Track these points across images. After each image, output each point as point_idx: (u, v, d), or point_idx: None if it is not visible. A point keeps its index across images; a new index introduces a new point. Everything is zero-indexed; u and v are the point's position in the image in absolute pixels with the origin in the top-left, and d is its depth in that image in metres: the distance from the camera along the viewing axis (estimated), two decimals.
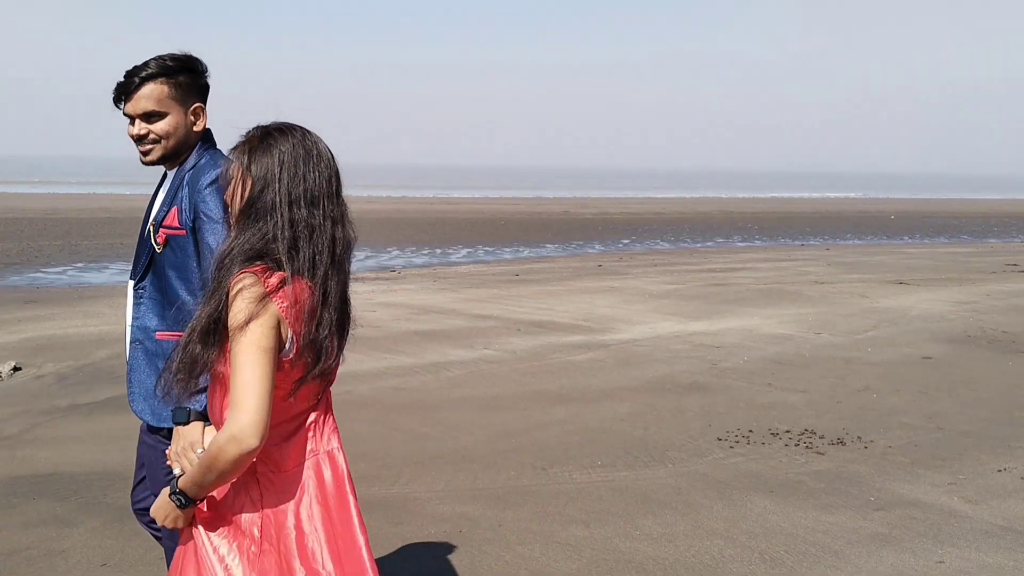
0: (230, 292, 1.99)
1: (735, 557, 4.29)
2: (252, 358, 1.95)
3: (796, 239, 28.86)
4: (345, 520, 2.10)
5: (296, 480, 2.08)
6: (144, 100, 2.69)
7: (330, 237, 2.11)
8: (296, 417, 2.11)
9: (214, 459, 1.97)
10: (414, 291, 14.34)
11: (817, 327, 10.97)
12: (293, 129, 2.15)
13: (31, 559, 4.13)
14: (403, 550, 4.32)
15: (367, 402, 7.22)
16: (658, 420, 6.75)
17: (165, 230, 2.70)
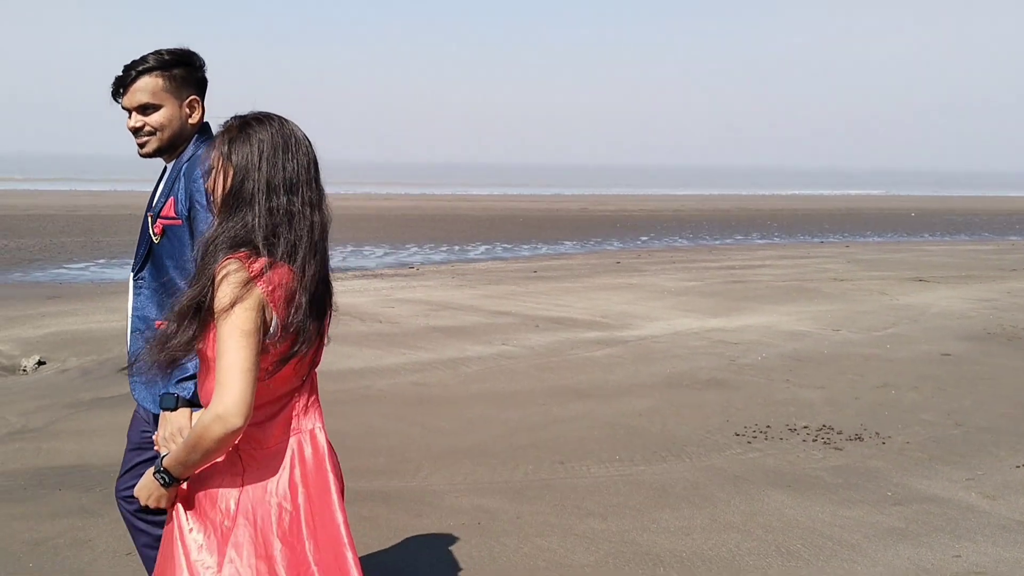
0: (215, 278, 2.05)
1: (752, 550, 4.31)
2: (237, 341, 2.01)
3: (815, 236, 28.74)
4: (324, 496, 2.14)
5: (277, 457, 2.13)
6: (139, 93, 2.75)
7: (309, 223, 2.18)
8: (281, 399, 2.16)
9: (199, 438, 2.02)
10: (432, 287, 14.40)
11: (836, 324, 10.94)
12: (271, 118, 2.21)
13: (57, 548, 4.21)
14: (423, 541, 4.37)
15: (386, 397, 7.28)
16: (676, 415, 6.78)
17: (162, 220, 2.76)
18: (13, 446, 5.89)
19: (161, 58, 2.75)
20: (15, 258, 18.22)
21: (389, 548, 4.27)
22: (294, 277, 2.11)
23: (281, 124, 2.21)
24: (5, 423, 6.48)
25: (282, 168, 2.15)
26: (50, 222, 26.11)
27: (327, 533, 2.11)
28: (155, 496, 2.14)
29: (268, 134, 2.17)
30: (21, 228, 24.17)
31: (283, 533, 2.08)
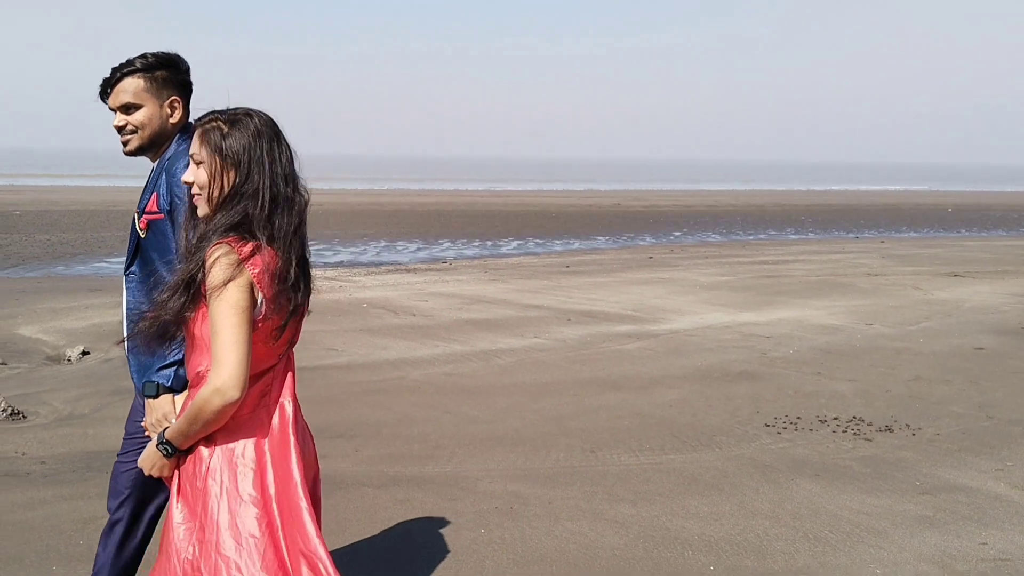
0: (206, 260, 2.19)
1: (779, 536, 4.38)
2: (232, 319, 2.15)
3: (850, 232, 28.55)
4: (284, 459, 2.26)
5: (246, 424, 2.27)
6: (122, 93, 2.89)
7: (298, 208, 2.34)
8: (261, 374, 2.29)
9: (200, 410, 2.18)
10: (465, 282, 14.53)
11: (869, 318, 10.92)
12: (252, 112, 2.35)
13: (97, 532, 4.36)
14: (456, 523, 4.48)
15: (419, 387, 7.41)
16: (707, 406, 6.84)
17: (147, 216, 2.88)
18: (61, 431, 6.10)
19: (145, 61, 2.89)
20: (57, 252, 18.62)
21: (424, 530, 4.39)
22: (279, 258, 2.25)
23: (262, 116, 2.35)
24: (53, 410, 6.69)
25: (278, 159, 2.31)
26: (91, 217, 26.59)
27: (286, 493, 2.24)
28: (158, 466, 2.31)
29: (261, 127, 2.32)
30: (63, 223, 24.65)
31: (247, 493, 2.22)
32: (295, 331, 2.37)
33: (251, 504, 2.22)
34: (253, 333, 2.20)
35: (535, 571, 3.97)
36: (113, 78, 2.90)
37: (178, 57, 2.96)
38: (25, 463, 5.36)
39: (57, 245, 19.70)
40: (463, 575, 3.92)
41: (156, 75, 2.90)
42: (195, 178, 2.31)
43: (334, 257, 18.94)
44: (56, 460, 5.45)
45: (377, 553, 4.13)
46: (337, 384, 7.48)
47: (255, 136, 2.29)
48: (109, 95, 2.92)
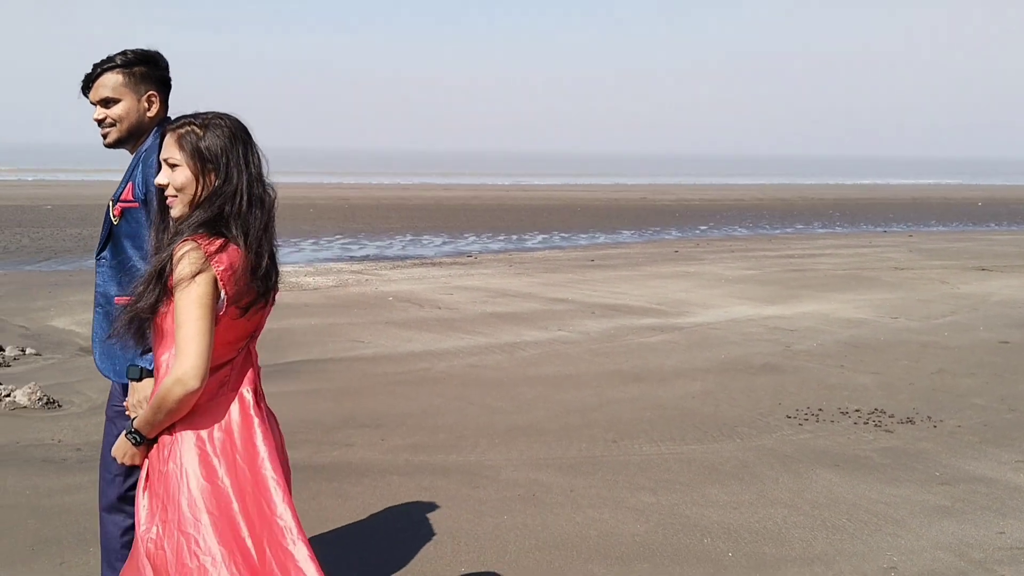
0: (174, 256, 2.28)
1: (798, 524, 4.44)
2: (195, 312, 2.24)
3: (878, 225, 28.37)
4: (248, 437, 2.35)
5: (206, 410, 2.36)
6: (101, 88, 3.01)
7: (268, 206, 2.42)
8: (221, 366, 2.38)
9: (162, 399, 2.27)
10: (490, 275, 14.63)
11: (894, 312, 10.91)
12: (223, 115, 2.43)
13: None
14: (480, 509, 4.58)
15: (444, 378, 7.51)
16: (729, 398, 6.89)
17: (121, 204, 3.00)
18: (95, 420, 6.25)
19: (124, 57, 3.01)
20: (88, 246, 18.89)
21: (448, 516, 4.49)
22: (246, 255, 2.34)
23: (233, 120, 2.43)
24: (87, 399, 6.86)
25: (252, 160, 2.41)
26: None
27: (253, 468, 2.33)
28: (129, 454, 2.41)
29: (235, 130, 2.40)
30: (93, 217, 25.00)
31: (206, 474, 2.32)
32: (257, 325, 2.45)
33: (210, 483, 2.30)
34: (216, 327, 2.30)
35: (556, 556, 4.06)
36: (93, 73, 3.02)
37: (157, 54, 3.08)
38: (61, 450, 5.52)
39: (88, 239, 19.98)
40: (486, 559, 4.02)
41: (134, 71, 3.02)
42: (170, 180, 2.38)
43: (360, 251, 19.09)
44: (91, 447, 5.59)
45: (402, 538, 4.23)
46: (363, 375, 7.60)
47: (231, 139, 2.38)
48: (90, 90, 3.04)
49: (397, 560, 3.99)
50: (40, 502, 4.63)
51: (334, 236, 22.05)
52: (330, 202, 32.98)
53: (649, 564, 3.98)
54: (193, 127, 2.37)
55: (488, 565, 3.96)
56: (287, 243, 20.28)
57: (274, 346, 8.84)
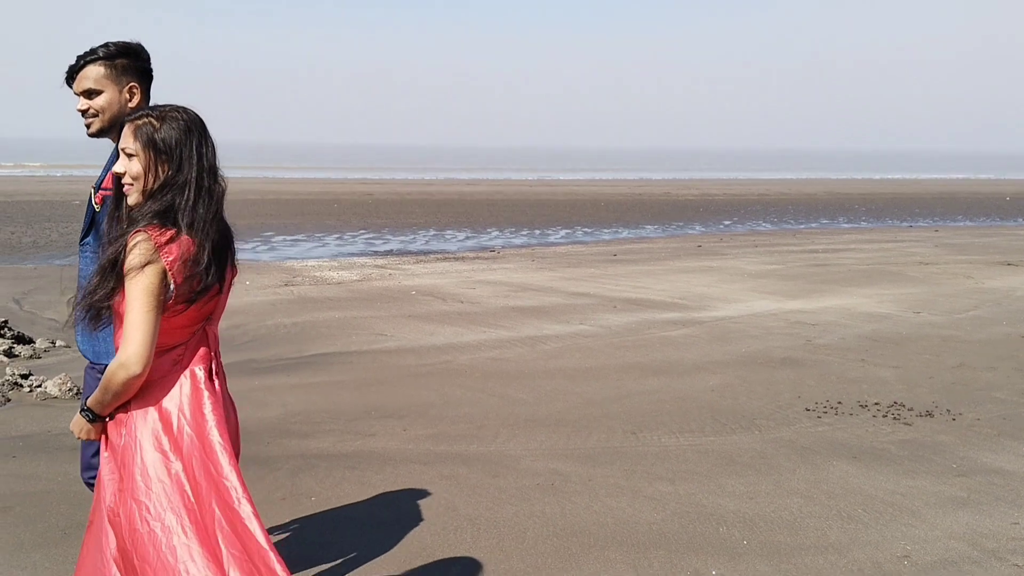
0: (127, 245, 2.39)
1: (813, 514, 4.49)
2: (141, 301, 2.36)
3: (904, 220, 28.17)
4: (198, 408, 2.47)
5: (159, 386, 2.49)
6: (84, 80, 3.10)
7: (218, 197, 2.53)
8: (174, 347, 2.52)
9: (108, 382, 2.42)
10: (512, 270, 14.71)
11: (917, 306, 10.88)
12: (179, 108, 2.54)
13: None
14: (499, 497, 4.66)
15: (466, 370, 7.60)
16: (748, 391, 6.93)
17: (102, 192, 3.10)
18: None
19: (107, 49, 3.10)
20: None
21: (468, 503, 4.58)
22: (195, 245, 2.44)
23: (190, 113, 2.54)
24: None
25: (205, 153, 2.51)
26: None
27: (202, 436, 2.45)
28: (84, 430, 2.56)
29: (190, 123, 2.51)
30: None
31: (158, 444, 2.45)
32: (212, 311, 2.58)
33: (161, 453, 2.44)
34: (164, 314, 2.42)
35: (573, 543, 4.13)
36: (77, 65, 3.12)
37: (139, 46, 3.18)
38: None
39: None
40: (505, 545, 4.10)
41: (117, 63, 3.11)
42: (127, 169, 2.49)
43: (384, 246, 19.23)
44: None
45: (422, 524, 4.32)
46: (386, 367, 7.70)
47: (186, 132, 2.49)
48: (74, 81, 3.14)
49: (417, 544, 4.08)
50: (71, 488, 4.76)
51: (358, 231, 22.21)
52: (354, 197, 33.17)
53: (664, 551, 4.05)
54: (150, 119, 2.49)
55: (507, 551, 4.04)
56: (311, 238, 20.47)
57: (299, 338, 8.97)
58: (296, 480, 4.91)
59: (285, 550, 4.03)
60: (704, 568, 3.89)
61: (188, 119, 2.51)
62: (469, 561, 3.94)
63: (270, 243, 19.49)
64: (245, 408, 6.38)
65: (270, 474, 5.00)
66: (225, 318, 10.09)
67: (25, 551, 4.03)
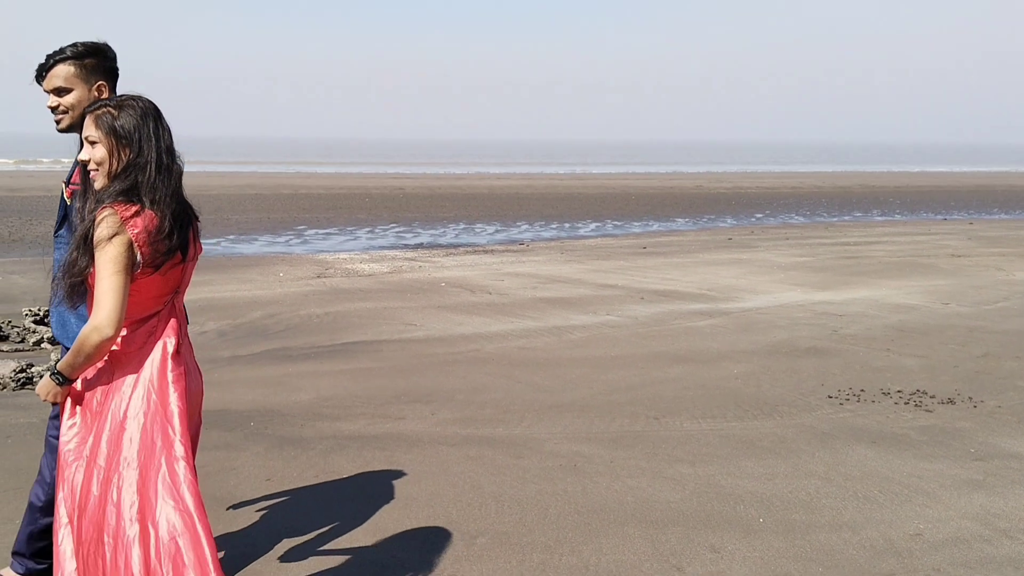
0: (96, 220, 2.61)
1: (830, 494, 4.60)
2: (111, 269, 2.58)
3: (939, 213, 27.95)
4: (163, 379, 2.70)
5: (136, 358, 2.73)
6: (54, 78, 3.24)
7: (176, 176, 2.75)
8: (147, 318, 2.74)
9: (81, 345, 2.62)
10: (541, 262, 14.84)
11: (946, 298, 10.88)
12: (136, 97, 2.76)
13: (208, 474, 4.83)
14: (524, 476, 4.81)
15: (493, 358, 7.75)
16: (771, 379, 7.02)
17: (72, 186, 3.27)
18: None
19: (76, 49, 3.24)
20: None
21: (493, 481, 4.73)
22: (158, 218, 2.67)
23: (145, 101, 2.76)
24: None
25: (161, 136, 2.73)
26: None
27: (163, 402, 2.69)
28: (52, 393, 2.76)
29: (146, 110, 2.74)
30: None
31: (134, 413, 2.68)
32: (180, 278, 2.80)
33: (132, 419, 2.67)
34: (133, 282, 2.64)
35: (594, 519, 4.27)
36: (47, 64, 3.28)
37: (106, 46, 3.34)
38: None
39: None
40: (528, 520, 4.25)
41: (85, 62, 3.27)
42: (91, 156, 2.72)
43: (414, 239, 19.43)
44: None
45: (450, 501, 4.48)
46: (415, 355, 7.87)
47: (142, 117, 2.71)
48: (44, 79, 3.31)
49: (443, 519, 4.24)
50: None
51: (389, 224, 22.44)
52: (385, 191, 33.45)
53: (682, 527, 4.18)
54: (109, 109, 2.72)
55: (529, 525, 4.19)
56: (343, 231, 20.73)
57: (331, 327, 9.17)
58: (328, 459, 5.09)
59: (318, 523, 4.21)
60: (720, 543, 4.01)
61: (143, 106, 2.74)
62: (493, 534, 4.09)
63: (303, 236, 19.76)
64: (280, 393, 6.60)
65: (304, 454, 5.19)
66: (259, 307, 10.36)
67: None
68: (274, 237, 19.51)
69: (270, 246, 17.95)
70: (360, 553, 3.90)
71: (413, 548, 3.95)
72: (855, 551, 3.94)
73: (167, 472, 2.61)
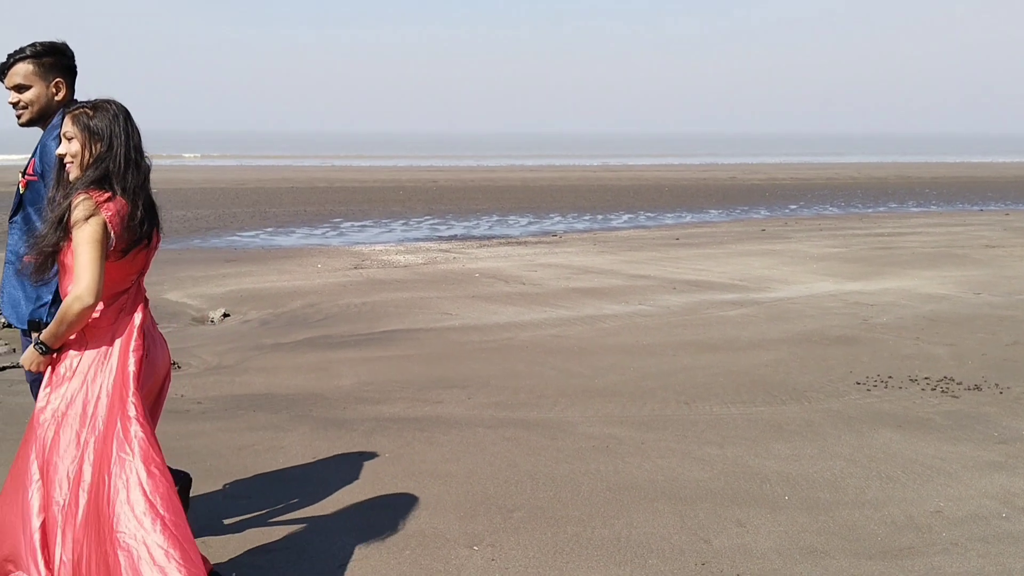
0: (72, 204, 2.95)
1: (854, 475, 4.75)
2: (88, 246, 2.91)
3: (975, 204, 27.71)
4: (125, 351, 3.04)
5: (106, 332, 3.07)
6: (14, 76, 3.49)
7: (145, 169, 3.13)
8: (118, 294, 3.09)
9: (64, 314, 2.93)
10: (574, 253, 15.01)
11: (978, 288, 10.91)
12: (108, 100, 3.12)
13: (257, 452, 5.09)
14: (557, 457, 5.01)
15: (527, 346, 7.95)
16: (801, 366, 7.16)
17: (27, 177, 3.53)
18: (212, 378, 6.90)
19: (35, 48, 3.49)
20: (193, 227, 19.93)
21: (527, 461, 4.93)
22: (127, 206, 3.03)
23: (117, 104, 3.12)
24: (203, 361, 7.52)
25: (131, 134, 3.10)
26: (222, 195, 28.15)
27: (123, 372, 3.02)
28: (36, 362, 3.08)
29: (117, 112, 3.09)
30: (196, 200, 26.22)
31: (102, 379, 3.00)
32: (144, 262, 3.15)
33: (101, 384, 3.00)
34: (108, 260, 2.97)
35: (625, 495, 4.46)
36: (7, 63, 3.54)
37: (64, 45, 3.59)
38: (184, 403, 6.15)
39: (192, 220, 21.06)
40: (562, 496, 4.45)
41: (44, 61, 3.53)
42: (67, 150, 3.07)
43: (448, 231, 19.67)
44: (210, 401, 6.22)
45: (487, 477, 4.69)
46: (451, 344, 8.10)
47: (113, 118, 3.07)
48: (4, 77, 3.56)
49: (480, 494, 4.45)
50: (170, 444, 5.20)
51: (423, 217, 22.71)
52: (418, 184, 33.76)
53: (710, 504, 4.36)
54: (85, 109, 3.08)
55: (563, 501, 4.39)
56: (378, 224, 21.03)
57: (369, 317, 9.42)
58: (371, 439, 5.32)
59: (362, 497, 4.44)
60: (746, 519, 4.19)
61: (115, 108, 3.11)
62: (529, 508, 4.30)
63: (339, 228, 20.09)
64: (323, 378, 6.85)
65: (347, 434, 5.43)
66: (300, 297, 10.64)
67: None
68: (311, 229, 19.86)
69: (307, 238, 18.29)
70: (403, 524, 4.12)
71: (453, 520, 4.17)
72: (876, 526, 4.10)
73: (121, 429, 2.92)
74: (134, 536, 2.80)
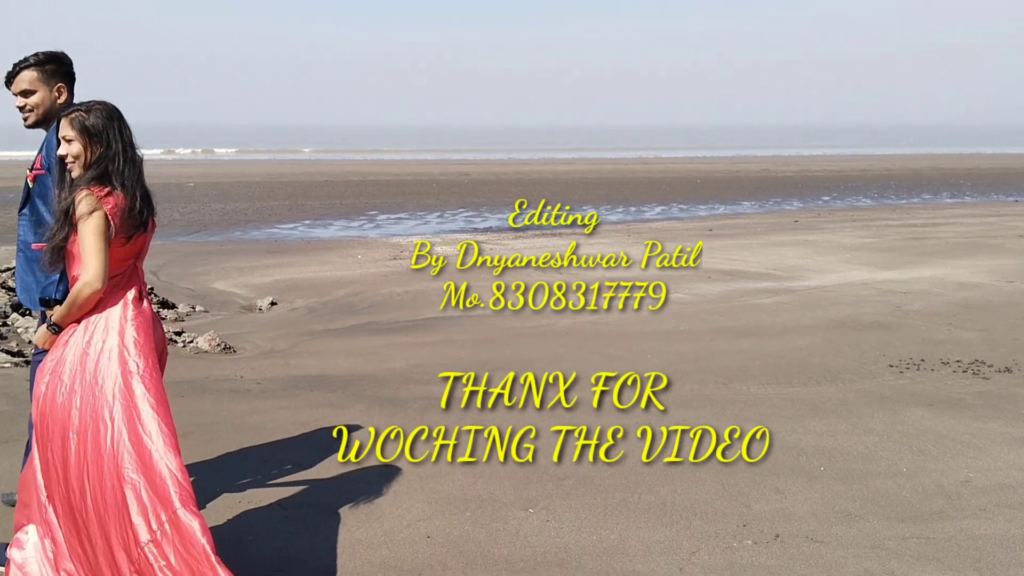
0: (75, 200, 3.23)
1: (887, 448, 4.97)
2: (93, 237, 3.21)
3: (1010, 195, 27.57)
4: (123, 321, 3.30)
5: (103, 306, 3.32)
6: (21, 82, 3.85)
7: (139, 165, 3.39)
8: (116, 277, 3.36)
9: (75, 298, 3.25)
10: (607, 244, 15.23)
11: (1011, 276, 11.03)
12: (101, 104, 3.37)
13: (317, 429, 5.39)
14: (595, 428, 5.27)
15: (567, 332, 8.22)
16: (835, 351, 7.36)
17: (34, 172, 3.87)
18: (267, 361, 7.22)
19: (38, 57, 3.86)
20: (232, 220, 20.35)
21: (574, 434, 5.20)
22: (127, 198, 3.30)
23: (109, 105, 3.38)
24: (256, 347, 7.85)
25: (125, 133, 3.36)
26: (258, 188, 28.61)
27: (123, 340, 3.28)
28: (49, 341, 3.38)
29: (111, 112, 3.35)
30: (234, 193, 26.68)
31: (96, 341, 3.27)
32: (142, 246, 3.44)
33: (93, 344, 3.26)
34: (112, 246, 3.27)
35: (668, 466, 4.72)
36: (14, 71, 3.90)
37: (63, 54, 3.96)
38: (244, 383, 6.48)
39: (231, 213, 21.50)
40: (608, 466, 4.71)
41: (46, 68, 3.89)
42: (68, 151, 3.33)
43: (483, 223, 19.95)
44: (268, 382, 6.54)
45: (539, 449, 4.95)
46: (493, 329, 8.38)
47: (108, 118, 3.33)
48: (12, 83, 3.91)
49: (532, 464, 4.73)
50: (235, 420, 5.56)
51: (457, 209, 23.01)
52: (451, 177, 34.06)
53: (750, 473, 4.61)
54: (80, 112, 3.33)
55: (610, 470, 4.65)
56: (413, 216, 21.36)
57: (412, 304, 9.73)
58: (425, 415, 5.61)
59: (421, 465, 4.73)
60: (784, 486, 4.44)
61: (109, 109, 3.36)
62: (578, 477, 4.57)
63: (375, 221, 20.44)
64: (373, 361, 7.16)
65: (401, 411, 5.72)
66: (343, 287, 10.98)
67: (210, 469, 4.81)
68: (348, 222, 20.21)
69: (345, 230, 18.65)
70: (461, 489, 4.41)
71: (509, 486, 4.45)
72: (908, 493, 4.33)
73: (123, 382, 3.19)
74: (137, 471, 3.12)
